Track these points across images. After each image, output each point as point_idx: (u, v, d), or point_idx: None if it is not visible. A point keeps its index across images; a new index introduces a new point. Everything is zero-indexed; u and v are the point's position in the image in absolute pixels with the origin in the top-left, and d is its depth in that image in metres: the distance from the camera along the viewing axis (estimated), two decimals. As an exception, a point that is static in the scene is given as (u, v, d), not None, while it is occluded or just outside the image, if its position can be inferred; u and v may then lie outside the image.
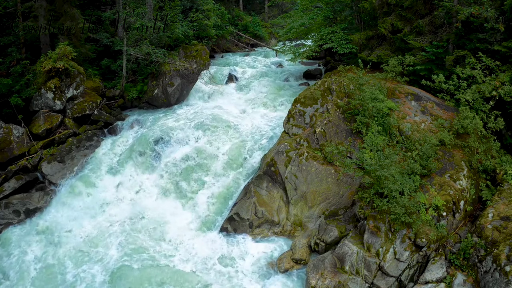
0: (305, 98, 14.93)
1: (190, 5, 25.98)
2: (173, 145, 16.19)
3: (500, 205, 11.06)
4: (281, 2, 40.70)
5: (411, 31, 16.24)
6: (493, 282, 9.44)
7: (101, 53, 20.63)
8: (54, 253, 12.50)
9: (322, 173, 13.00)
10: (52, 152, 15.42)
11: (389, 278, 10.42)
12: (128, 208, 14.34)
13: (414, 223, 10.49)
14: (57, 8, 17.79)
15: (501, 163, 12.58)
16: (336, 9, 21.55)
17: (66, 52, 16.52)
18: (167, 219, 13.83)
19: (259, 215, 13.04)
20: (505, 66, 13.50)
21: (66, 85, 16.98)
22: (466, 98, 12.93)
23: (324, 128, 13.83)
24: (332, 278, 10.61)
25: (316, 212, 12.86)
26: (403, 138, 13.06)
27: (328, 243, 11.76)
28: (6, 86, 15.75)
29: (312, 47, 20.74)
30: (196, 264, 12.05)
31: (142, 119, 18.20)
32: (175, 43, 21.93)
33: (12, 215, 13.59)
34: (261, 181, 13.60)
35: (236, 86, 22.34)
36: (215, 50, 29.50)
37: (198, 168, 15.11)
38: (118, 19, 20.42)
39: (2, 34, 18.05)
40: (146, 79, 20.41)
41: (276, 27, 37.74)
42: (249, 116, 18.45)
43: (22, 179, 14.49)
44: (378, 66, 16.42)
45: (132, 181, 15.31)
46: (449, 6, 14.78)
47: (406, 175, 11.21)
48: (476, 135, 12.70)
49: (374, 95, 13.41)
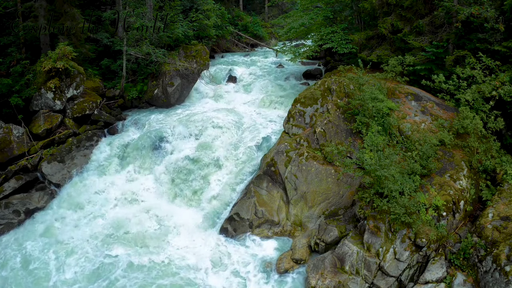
0: (305, 98, 14.93)
1: (190, 5, 25.98)
2: (173, 145, 16.20)
3: (500, 205, 11.06)
4: (281, 2, 40.70)
5: (411, 31, 16.24)
6: (493, 282, 9.44)
7: (101, 53, 20.62)
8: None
9: (322, 173, 13.00)
10: (52, 152, 15.42)
11: (389, 278, 10.42)
12: (128, 208, 14.34)
13: (414, 223, 10.49)
14: (57, 8, 17.79)
15: (501, 163, 12.58)
16: (336, 9, 21.55)
17: (66, 52, 16.52)
18: (166, 218, 13.82)
19: (259, 215, 13.04)
20: (505, 66, 13.50)
21: (66, 85, 16.98)
22: (466, 98, 12.93)
23: (324, 128, 13.82)
24: (332, 278, 10.61)
25: (316, 212, 12.86)
26: (403, 138, 13.06)
27: (328, 243, 11.76)
28: (6, 86, 15.75)
29: (312, 47, 20.74)
30: (196, 264, 12.04)
31: (142, 119, 18.20)
32: (175, 43, 21.94)
33: (12, 215, 13.59)
34: (261, 181, 13.60)
35: (236, 86, 22.35)
36: (215, 50, 29.50)
37: (198, 168, 15.10)
38: (118, 19, 20.42)
39: (2, 34, 18.05)
40: (146, 79, 20.41)
41: (276, 27, 37.72)
42: (249, 116, 18.44)
43: (22, 179, 14.48)
44: (378, 66, 16.42)
45: (132, 181, 15.31)
46: (449, 6, 14.78)
47: (406, 175, 11.21)
48: (476, 135, 12.70)
49: (374, 95, 13.41)
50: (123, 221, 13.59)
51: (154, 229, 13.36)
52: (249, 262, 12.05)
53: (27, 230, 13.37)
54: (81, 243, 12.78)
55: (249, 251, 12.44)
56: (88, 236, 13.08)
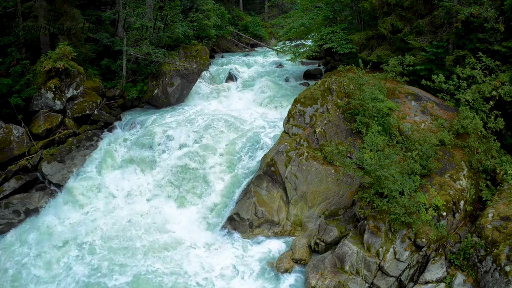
0: (305, 98, 14.93)
1: (190, 5, 25.98)
2: (173, 144, 16.19)
3: (500, 205, 11.06)
4: (281, 2, 40.71)
5: (411, 31, 16.24)
6: (493, 282, 9.44)
7: (101, 53, 20.62)
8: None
9: (322, 173, 13.00)
10: (52, 152, 15.42)
11: (389, 278, 10.42)
12: (128, 208, 14.34)
13: (414, 223, 10.49)
14: (57, 8, 17.80)
15: (501, 163, 12.58)
16: (336, 9, 21.54)
17: (66, 52, 16.52)
18: (166, 219, 13.83)
19: (259, 215, 13.04)
20: (505, 66, 13.50)
21: (66, 85, 16.98)
22: (466, 98, 12.93)
23: (324, 128, 13.83)
24: (332, 278, 10.61)
25: (316, 212, 12.86)
26: (403, 138, 13.06)
27: (328, 243, 11.76)
28: (6, 86, 15.75)
29: (312, 47, 20.74)
30: (196, 264, 12.03)
31: (142, 119, 18.20)
32: (175, 43, 21.94)
33: (12, 215, 13.59)
34: (261, 181, 13.60)
35: (236, 86, 22.34)
36: (215, 50, 29.49)
37: (198, 168, 15.10)
38: (118, 19, 20.43)
39: (2, 34, 18.05)
40: (146, 79, 20.41)
41: (276, 27, 37.71)
42: (249, 116, 18.44)
43: (22, 179, 14.49)
44: (378, 66, 16.42)
45: (132, 181, 15.32)
46: (449, 6, 14.78)
47: (406, 175, 11.21)
48: (476, 135, 12.69)
49: (374, 95, 13.41)
50: (123, 221, 13.61)
51: (154, 229, 13.36)
52: (249, 262, 12.05)
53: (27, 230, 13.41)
54: (81, 242, 12.80)
55: (248, 251, 12.44)
56: (88, 235, 13.10)
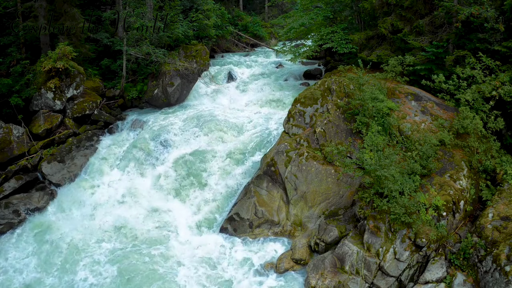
0: (305, 98, 14.93)
1: (190, 5, 25.98)
2: (173, 145, 16.20)
3: (500, 205, 11.06)
4: (281, 2, 40.73)
5: (411, 31, 16.24)
6: (493, 282, 9.44)
7: (101, 53, 20.63)
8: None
9: (322, 173, 13.00)
10: (52, 152, 15.42)
11: (389, 278, 10.42)
12: (129, 207, 14.34)
13: (414, 223, 10.49)
14: (57, 8, 17.80)
15: (501, 163, 12.58)
16: (336, 9, 21.54)
17: (66, 52, 16.52)
18: (166, 218, 13.83)
19: (259, 215, 13.04)
20: (505, 66, 13.50)
21: (66, 85, 16.98)
22: (466, 98, 12.93)
23: (324, 128, 13.82)
24: (332, 278, 10.61)
25: (316, 212, 12.86)
26: (403, 138, 13.06)
27: (328, 243, 11.76)
28: (6, 86, 15.75)
29: (312, 47, 20.74)
30: (195, 264, 12.03)
31: (142, 119, 18.20)
32: (175, 43, 21.94)
33: (12, 215, 13.58)
34: (261, 181, 13.60)
35: (236, 86, 22.33)
36: (215, 50, 29.50)
37: (198, 168, 15.10)
38: (118, 19, 20.42)
39: (2, 34, 18.04)
40: (146, 79, 20.41)
41: (276, 27, 37.73)
42: (249, 116, 18.44)
43: (22, 179, 14.49)
44: (378, 66, 16.42)
45: (132, 181, 15.31)
46: (449, 6, 14.77)
47: (406, 175, 11.21)
48: (476, 135, 12.70)
49: (374, 95, 13.41)
50: (123, 220, 13.61)
51: (153, 228, 13.37)
52: (248, 262, 12.05)
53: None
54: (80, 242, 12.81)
55: (249, 251, 12.44)
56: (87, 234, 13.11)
